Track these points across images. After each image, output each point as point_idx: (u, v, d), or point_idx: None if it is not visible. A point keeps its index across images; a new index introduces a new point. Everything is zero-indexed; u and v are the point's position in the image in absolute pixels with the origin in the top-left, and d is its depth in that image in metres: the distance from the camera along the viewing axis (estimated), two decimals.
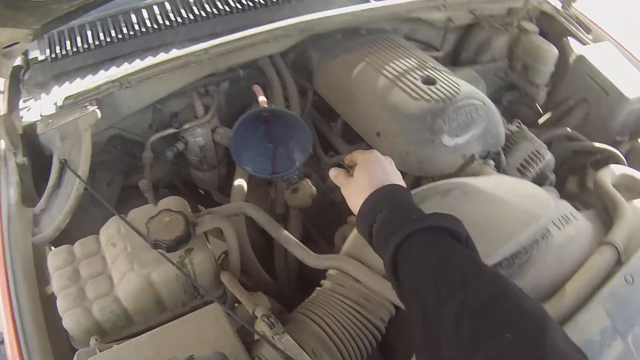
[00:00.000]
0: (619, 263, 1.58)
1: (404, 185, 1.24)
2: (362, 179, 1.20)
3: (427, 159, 1.82)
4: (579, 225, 1.73)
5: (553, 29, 2.89)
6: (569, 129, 2.57)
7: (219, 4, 2.35)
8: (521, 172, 2.10)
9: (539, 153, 2.12)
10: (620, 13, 5.74)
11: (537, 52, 2.70)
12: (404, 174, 1.64)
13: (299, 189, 1.80)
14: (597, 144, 2.43)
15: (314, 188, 1.83)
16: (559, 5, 2.89)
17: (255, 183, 2.12)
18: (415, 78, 1.95)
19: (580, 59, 2.65)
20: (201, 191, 2.41)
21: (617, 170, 2.10)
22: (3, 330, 1.43)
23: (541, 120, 2.87)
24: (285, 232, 1.62)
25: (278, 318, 1.28)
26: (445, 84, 1.93)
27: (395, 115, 1.88)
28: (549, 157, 2.14)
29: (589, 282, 1.51)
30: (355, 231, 1.53)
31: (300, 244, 1.59)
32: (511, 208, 1.61)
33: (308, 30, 2.21)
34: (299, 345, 1.25)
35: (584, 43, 2.76)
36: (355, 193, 1.21)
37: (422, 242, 0.99)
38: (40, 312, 1.46)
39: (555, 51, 2.67)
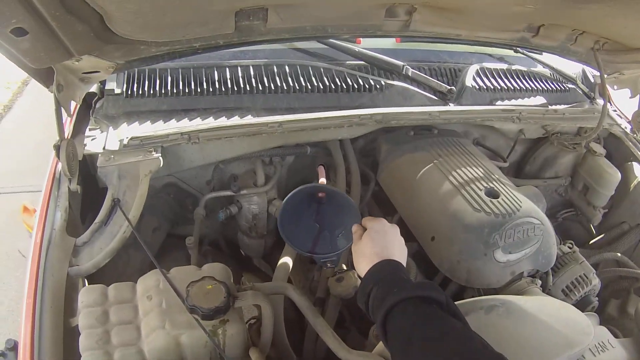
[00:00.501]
0: None
1: (405, 253, 1.42)
2: (365, 246, 1.37)
3: (477, 270, 1.84)
4: (614, 353, 1.74)
5: (619, 152, 2.90)
6: (619, 254, 2.56)
7: (302, 80, 2.39)
8: (566, 293, 2.10)
9: (587, 277, 2.13)
10: None
11: (600, 175, 2.70)
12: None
13: (344, 278, 1.82)
14: None
15: (359, 280, 1.82)
16: (628, 129, 2.91)
17: (300, 259, 2.14)
18: (480, 189, 1.97)
19: None
20: (242, 253, 2.44)
21: None
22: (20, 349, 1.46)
23: (592, 241, 2.85)
24: (322, 320, 1.63)
25: None
26: (508, 199, 1.95)
27: (453, 222, 1.90)
28: (595, 282, 2.14)
29: None
30: None
31: (335, 335, 1.60)
32: (551, 332, 1.62)
33: (383, 122, 2.25)
34: None
35: None
36: (357, 256, 1.39)
37: (403, 311, 1.15)
38: (60, 343, 1.48)
39: (618, 176, 2.67)
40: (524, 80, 2.90)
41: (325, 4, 1.77)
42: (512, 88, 2.81)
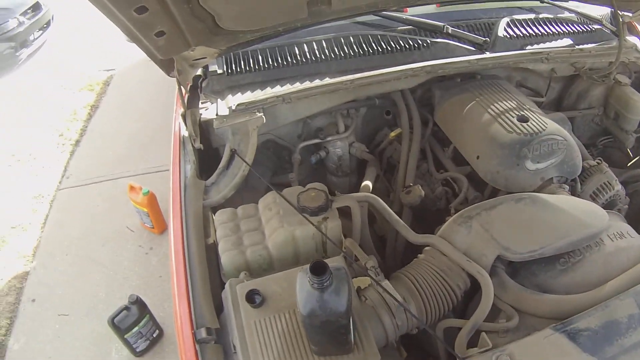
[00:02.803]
0: None
1: None
2: None
3: (513, 177, 2.37)
4: (633, 241, 2.16)
5: None
6: None
7: (364, 46, 2.93)
8: (593, 198, 2.59)
9: (610, 184, 2.60)
10: None
11: (627, 102, 3.11)
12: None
13: (411, 191, 2.45)
14: None
15: (422, 192, 2.46)
16: None
17: (379, 188, 2.76)
18: (512, 116, 2.50)
19: None
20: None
21: None
22: (172, 267, 2.01)
23: (630, 163, 3.29)
24: (396, 216, 2.19)
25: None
26: (535, 122, 2.46)
27: (492, 143, 2.43)
28: (618, 187, 2.60)
29: (629, 281, 1.91)
30: (449, 219, 2.10)
31: (405, 225, 2.17)
32: (569, 216, 2.10)
33: (432, 73, 2.76)
34: (395, 289, 1.81)
35: None
36: None
37: None
38: (204, 254, 2.03)
39: None
40: (551, 26, 3.37)
41: None
42: (541, 34, 3.29)
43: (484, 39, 3.08)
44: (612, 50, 3.15)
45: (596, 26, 3.49)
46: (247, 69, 2.79)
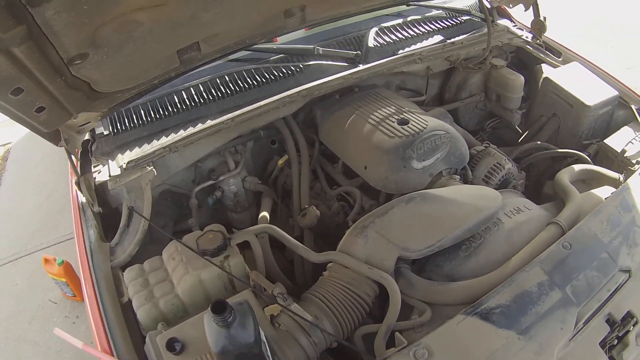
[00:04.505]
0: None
1: None
2: None
3: (402, 180, 2.50)
4: (530, 213, 2.34)
5: (529, 58, 3.54)
6: (538, 142, 3.17)
7: (239, 82, 3.01)
8: (486, 181, 2.74)
9: (500, 164, 2.75)
10: None
11: (505, 83, 3.32)
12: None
13: (307, 213, 2.56)
14: (561, 150, 3.02)
15: (318, 212, 2.57)
16: (530, 38, 3.52)
17: (280, 215, 2.88)
18: (393, 121, 2.64)
19: (546, 80, 3.27)
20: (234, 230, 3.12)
21: (577, 168, 2.67)
22: (93, 332, 2.06)
23: (520, 139, 3.48)
24: (295, 241, 2.31)
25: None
26: (416, 123, 2.60)
27: (377, 151, 2.56)
28: (508, 166, 2.76)
29: (532, 252, 2.07)
30: (347, 233, 2.21)
31: (305, 247, 2.29)
32: (461, 205, 2.24)
33: (309, 96, 2.88)
34: (305, 310, 1.91)
35: (554, 67, 3.35)
36: None
37: None
38: (120, 313, 2.10)
39: (521, 79, 3.29)
40: (420, 27, 3.54)
41: (238, 24, 2.31)
42: (411, 36, 3.45)
43: (356, 52, 3.20)
44: (484, 38, 3.35)
45: (465, 17, 3.65)
46: (132, 125, 2.84)
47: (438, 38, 3.49)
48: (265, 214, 2.71)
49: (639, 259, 2.15)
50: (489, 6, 3.61)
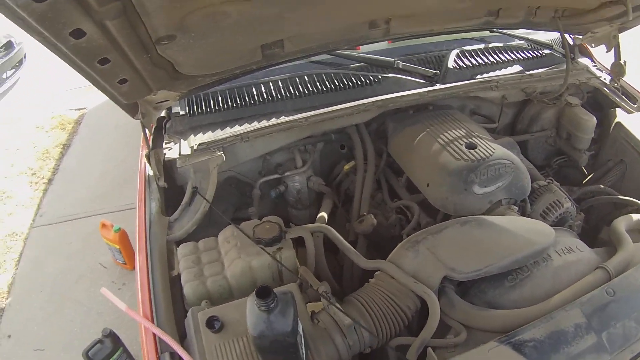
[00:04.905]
0: None
1: None
2: None
3: (461, 202, 2.52)
4: (581, 255, 2.31)
5: (604, 100, 3.48)
6: (601, 186, 3.14)
7: (317, 84, 3.11)
8: (543, 216, 2.74)
9: (559, 202, 2.75)
10: None
11: (578, 122, 3.27)
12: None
13: (364, 220, 2.62)
14: (623, 197, 2.99)
15: (375, 220, 2.62)
16: (608, 80, 3.49)
17: (338, 219, 2.94)
18: (461, 144, 2.66)
19: (618, 125, 3.25)
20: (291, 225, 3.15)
21: (636, 217, 2.62)
22: (138, 298, 2.15)
23: (585, 180, 3.45)
24: (348, 244, 2.37)
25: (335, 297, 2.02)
26: (483, 148, 2.62)
27: (441, 171, 2.59)
28: (567, 205, 2.75)
29: (576, 293, 2.04)
30: (399, 245, 2.26)
31: (357, 252, 2.35)
32: (515, 236, 2.25)
33: (383, 107, 2.94)
34: (345, 313, 1.96)
35: (629, 112, 3.31)
36: None
37: None
38: (167, 285, 2.21)
39: (593, 121, 3.24)
40: (501, 54, 3.56)
41: (323, 28, 2.40)
42: (491, 62, 3.47)
43: (434, 71, 3.26)
44: (562, 74, 3.29)
45: (547, 51, 3.65)
46: (208, 110, 2.94)
47: (517, 68, 3.50)
48: (324, 214, 2.78)
49: None
50: (571, 42, 3.59)
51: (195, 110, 2.96)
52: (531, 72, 3.43)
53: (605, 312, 1.95)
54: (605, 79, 3.52)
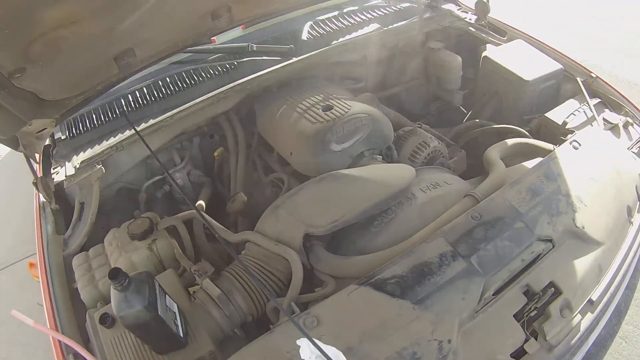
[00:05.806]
0: None
1: None
2: None
3: (323, 163, 2.64)
4: (449, 188, 2.43)
5: (473, 40, 3.66)
6: (476, 120, 3.31)
7: (179, 83, 3.23)
8: (412, 160, 2.88)
9: (425, 142, 2.89)
10: None
11: (442, 64, 3.48)
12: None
13: (235, 199, 2.77)
14: (497, 125, 3.14)
15: (245, 197, 2.78)
16: (473, 20, 3.65)
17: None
18: (318, 108, 2.81)
19: (485, 59, 3.38)
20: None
21: (510, 142, 2.73)
22: (45, 313, 2.27)
23: (465, 119, 3.59)
24: (216, 223, 2.50)
25: (210, 276, 2.17)
26: (339, 108, 2.76)
27: (299, 137, 2.74)
28: (434, 144, 2.89)
29: (441, 224, 2.14)
30: (263, 214, 2.40)
31: (224, 228, 2.48)
32: (371, 182, 2.38)
33: (242, 90, 3.07)
34: (216, 285, 2.12)
35: (498, 46, 3.45)
36: None
37: None
38: (67, 296, 2.36)
39: (458, 60, 3.43)
40: (357, 17, 3.68)
41: (167, 30, 2.46)
42: (346, 26, 3.60)
43: (289, 46, 3.38)
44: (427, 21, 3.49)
45: (406, 4, 3.81)
46: (85, 129, 3.05)
47: (375, 26, 3.62)
48: (201, 202, 2.92)
49: (562, 228, 2.15)
50: None
51: (74, 131, 3.06)
52: (391, 27, 3.53)
53: (472, 237, 2.04)
54: (470, 19, 3.67)
